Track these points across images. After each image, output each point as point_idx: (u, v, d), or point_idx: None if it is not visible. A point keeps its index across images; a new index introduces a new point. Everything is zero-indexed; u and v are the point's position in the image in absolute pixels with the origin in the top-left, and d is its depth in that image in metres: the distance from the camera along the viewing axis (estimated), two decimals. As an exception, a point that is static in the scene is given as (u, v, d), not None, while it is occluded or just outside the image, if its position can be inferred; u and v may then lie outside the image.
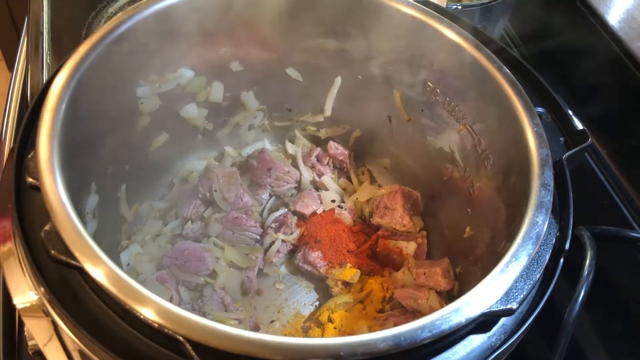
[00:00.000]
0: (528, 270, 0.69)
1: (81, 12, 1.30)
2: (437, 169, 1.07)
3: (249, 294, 1.07)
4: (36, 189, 0.68)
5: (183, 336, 0.57)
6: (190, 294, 1.03)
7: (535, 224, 0.71)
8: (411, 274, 1.03)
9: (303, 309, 1.07)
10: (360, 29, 1.02)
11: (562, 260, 0.75)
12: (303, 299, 1.09)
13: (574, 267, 0.76)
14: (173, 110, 1.07)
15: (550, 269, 0.74)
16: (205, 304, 0.99)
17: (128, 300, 0.59)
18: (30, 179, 0.69)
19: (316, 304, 1.09)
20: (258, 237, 1.12)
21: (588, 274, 0.76)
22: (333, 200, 1.18)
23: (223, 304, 1.00)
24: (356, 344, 0.58)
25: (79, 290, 0.66)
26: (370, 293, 1.05)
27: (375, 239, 1.12)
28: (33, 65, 1.17)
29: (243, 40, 1.05)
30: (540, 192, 0.74)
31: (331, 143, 1.23)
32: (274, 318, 1.05)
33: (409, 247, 1.08)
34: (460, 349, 0.66)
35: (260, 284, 1.09)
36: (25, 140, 0.79)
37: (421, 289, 0.98)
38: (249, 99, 1.17)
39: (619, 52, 1.11)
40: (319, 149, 1.23)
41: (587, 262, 0.77)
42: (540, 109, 0.86)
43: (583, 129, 0.87)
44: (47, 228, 0.65)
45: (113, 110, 0.91)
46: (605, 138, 1.16)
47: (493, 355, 0.66)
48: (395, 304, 1.02)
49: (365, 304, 1.04)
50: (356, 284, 1.07)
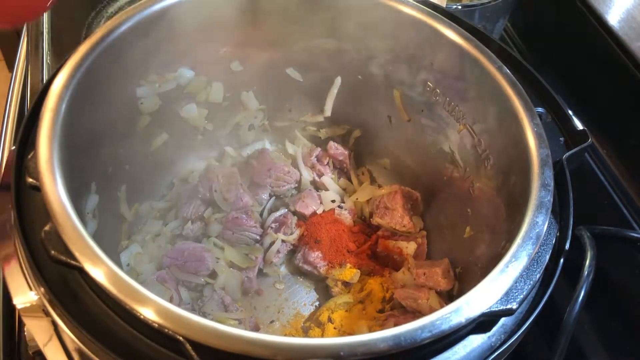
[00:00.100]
0: (528, 270, 0.69)
1: (81, 12, 1.30)
2: (437, 169, 1.07)
3: (249, 294, 1.07)
4: (36, 189, 0.68)
5: (183, 336, 0.57)
6: (190, 294, 1.03)
7: (535, 224, 0.71)
8: (411, 274, 1.03)
9: (303, 309, 1.07)
10: (360, 29, 1.02)
11: (562, 260, 0.75)
12: (303, 299, 1.09)
13: (574, 267, 0.76)
14: (173, 110, 1.07)
15: (550, 269, 0.74)
16: (205, 304, 0.99)
17: (128, 300, 0.59)
18: (30, 179, 0.69)
19: (316, 304, 1.09)
20: (258, 237, 1.12)
21: (588, 274, 0.76)
22: (333, 201, 1.18)
23: (223, 304, 1.00)
24: (356, 344, 0.58)
25: (79, 290, 0.66)
26: (370, 293, 1.05)
27: (375, 239, 1.12)
28: (33, 65, 1.17)
29: (243, 40, 1.05)
30: (540, 192, 0.74)
31: (331, 143, 1.23)
32: (274, 318, 1.05)
33: (409, 247, 1.08)
34: (460, 349, 0.66)
35: (260, 284, 1.09)
36: (25, 140, 0.78)
37: (421, 289, 0.98)
38: (249, 99, 1.17)
39: (619, 52, 1.11)
40: (319, 149, 1.23)
41: (587, 262, 0.77)
42: (540, 109, 0.86)
43: (583, 129, 0.87)
44: (47, 228, 0.65)
45: (113, 110, 0.91)
46: (605, 138, 1.16)
47: (493, 356, 0.66)
48: (395, 304, 1.02)
49: (365, 304, 1.04)
50: (356, 284, 1.07)
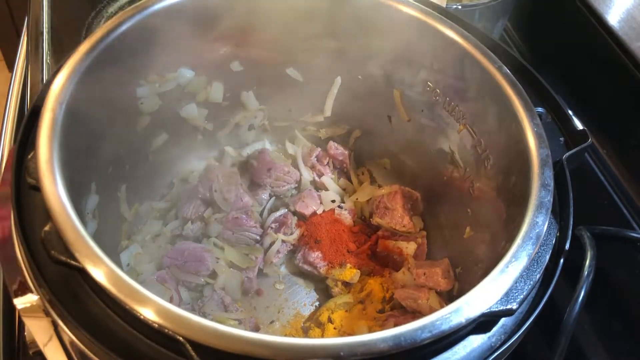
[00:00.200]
0: (528, 270, 0.69)
1: (81, 12, 1.30)
2: (437, 169, 1.07)
3: (249, 294, 1.07)
4: (36, 189, 0.68)
5: (183, 336, 0.57)
6: (190, 294, 1.03)
7: (535, 224, 0.71)
8: (411, 274, 1.03)
9: (303, 309, 1.07)
10: (360, 29, 1.02)
11: (562, 260, 0.75)
12: (303, 299, 1.09)
13: (574, 267, 0.76)
14: (173, 110, 1.07)
15: (550, 269, 0.74)
16: (205, 304, 0.99)
17: (128, 300, 0.59)
18: (30, 179, 0.69)
19: (316, 304, 1.09)
20: (258, 237, 1.12)
21: (588, 274, 0.76)
22: (333, 201, 1.18)
23: (223, 304, 1.00)
24: (356, 344, 0.58)
25: (79, 290, 0.66)
26: (370, 293, 1.05)
27: (375, 239, 1.12)
28: (33, 65, 1.17)
29: (243, 40, 1.05)
30: (540, 192, 0.74)
31: (331, 143, 1.23)
32: (274, 318, 1.05)
33: (409, 248, 1.08)
34: (460, 349, 0.66)
35: (260, 284, 1.09)
36: (25, 140, 0.78)
37: (421, 289, 0.98)
38: (249, 99, 1.16)
39: (619, 52, 1.11)
40: (319, 149, 1.23)
41: (587, 262, 0.77)
42: (540, 109, 0.86)
43: (583, 129, 0.87)
44: (47, 228, 0.65)
45: (113, 110, 0.91)
46: (605, 138, 1.16)
47: (493, 356, 0.66)
48: (395, 304, 1.02)
49: (365, 304, 1.04)
50: (356, 284, 1.07)
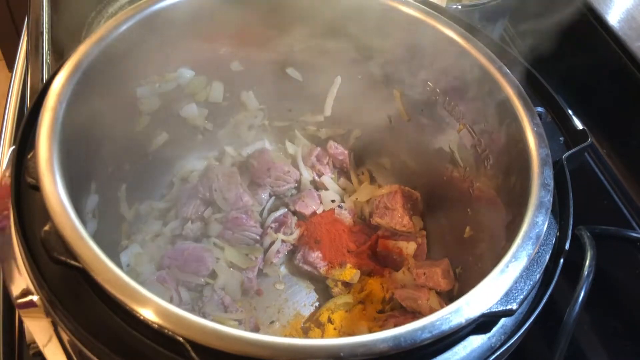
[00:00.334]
0: (528, 270, 0.69)
1: (81, 12, 1.30)
2: (437, 169, 1.07)
3: (249, 294, 1.07)
4: (36, 189, 0.68)
5: (183, 337, 0.57)
6: (190, 294, 1.03)
7: (535, 224, 0.71)
8: (411, 274, 1.03)
9: (303, 310, 1.07)
10: (360, 28, 1.02)
11: (562, 260, 0.75)
12: (303, 300, 1.09)
13: (574, 267, 0.76)
14: (173, 110, 1.07)
15: (550, 269, 0.74)
16: (205, 304, 0.99)
17: (128, 300, 0.59)
18: (30, 179, 0.69)
19: (316, 305, 1.09)
20: (258, 237, 1.12)
21: (588, 274, 0.76)
22: (333, 200, 1.18)
23: (223, 305, 1.00)
24: (356, 344, 0.58)
25: (79, 290, 0.66)
26: (370, 293, 1.05)
27: (375, 239, 1.12)
28: (33, 65, 1.17)
29: (243, 40, 1.05)
30: (540, 192, 0.74)
31: (331, 143, 1.23)
32: (274, 319, 1.05)
33: (409, 247, 1.08)
34: (460, 349, 0.66)
35: (260, 284, 1.09)
36: (25, 140, 0.78)
37: (421, 290, 0.98)
38: (249, 99, 1.16)
39: (619, 52, 1.11)
40: (319, 149, 1.23)
41: (587, 262, 0.77)
42: (540, 109, 0.86)
43: (583, 129, 0.87)
44: (47, 228, 0.65)
45: (113, 110, 0.91)
46: (605, 138, 1.16)
47: (493, 356, 0.66)
48: (395, 304, 1.02)
49: (365, 304, 1.04)
50: (356, 284, 1.07)
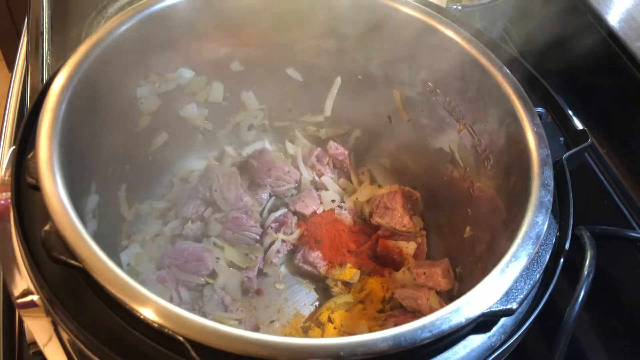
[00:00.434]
0: (528, 270, 0.69)
1: (81, 12, 1.30)
2: (437, 169, 1.07)
3: (249, 294, 1.07)
4: (36, 189, 0.68)
5: (183, 336, 0.57)
6: (190, 294, 1.03)
7: (535, 224, 0.71)
8: (411, 274, 1.03)
9: (303, 309, 1.07)
10: (360, 29, 1.02)
11: (562, 260, 0.75)
12: (303, 299, 1.09)
13: (574, 267, 0.76)
14: (173, 110, 1.07)
15: (550, 269, 0.74)
16: (206, 304, 0.99)
17: (128, 300, 0.59)
18: (30, 179, 0.69)
19: (316, 304, 1.09)
20: (258, 237, 1.12)
21: (588, 274, 0.76)
22: (333, 200, 1.18)
23: (223, 304, 1.00)
24: (356, 344, 0.58)
25: (80, 290, 0.66)
26: (370, 293, 1.05)
27: (375, 239, 1.12)
28: (33, 65, 1.17)
29: (243, 40, 1.05)
30: (540, 192, 0.74)
31: (331, 143, 1.23)
32: (274, 318, 1.05)
33: (409, 247, 1.08)
34: (460, 349, 0.66)
35: (260, 284, 1.09)
36: (25, 140, 0.78)
37: (421, 289, 0.98)
38: (249, 99, 1.17)
39: (619, 52, 1.11)
40: (319, 149, 1.23)
41: (587, 262, 0.77)
42: (540, 109, 0.86)
43: (583, 129, 0.87)
44: (47, 228, 0.65)
45: (113, 110, 0.91)
46: (605, 138, 1.16)
47: (493, 356, 0.66)
48: (395, 304, 1.02)
49: (365, 304, 1.04)
50: (356, 284, 1.07)
